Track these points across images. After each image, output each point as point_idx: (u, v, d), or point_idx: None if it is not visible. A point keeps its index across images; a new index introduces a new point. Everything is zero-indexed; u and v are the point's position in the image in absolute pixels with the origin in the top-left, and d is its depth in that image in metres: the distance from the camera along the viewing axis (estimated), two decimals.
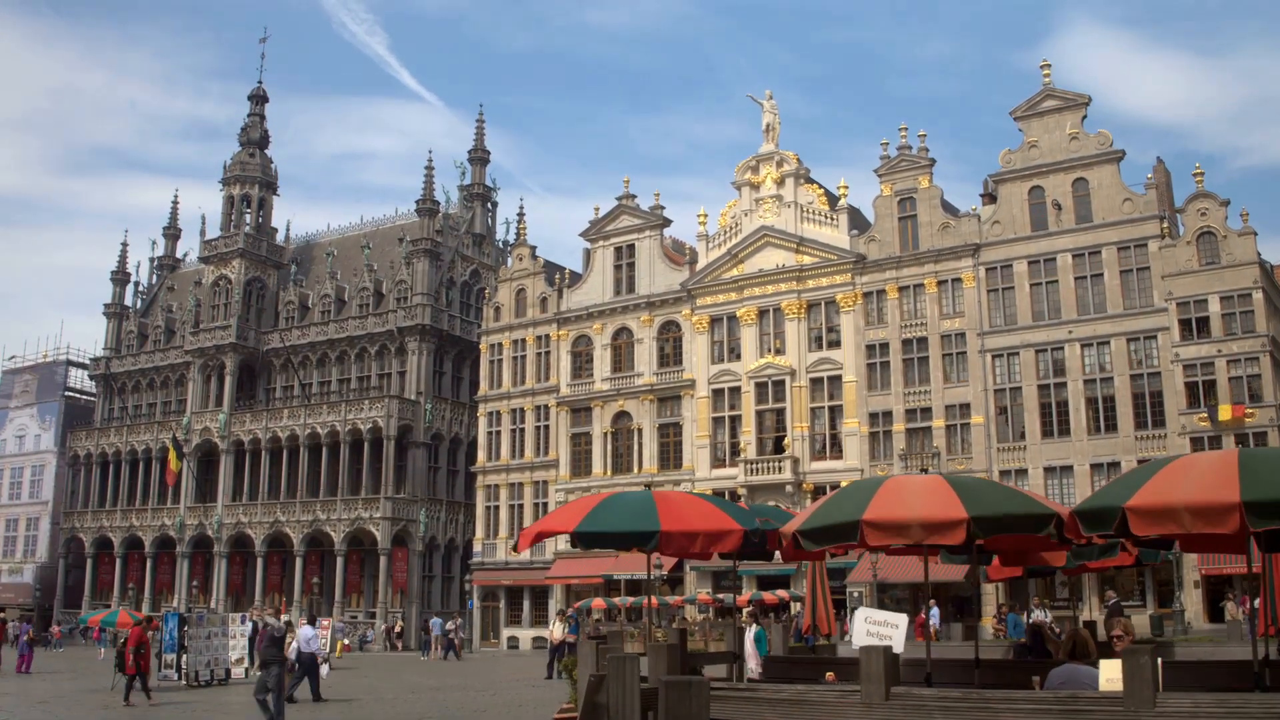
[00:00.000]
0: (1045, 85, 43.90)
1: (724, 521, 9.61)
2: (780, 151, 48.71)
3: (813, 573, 17.90)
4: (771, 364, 46.61)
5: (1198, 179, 41.43)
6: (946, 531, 7.43)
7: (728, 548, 9.78)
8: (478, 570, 53.39)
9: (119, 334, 71.24)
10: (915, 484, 8.26)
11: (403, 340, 59.04)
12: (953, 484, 7.93)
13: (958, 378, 43.53)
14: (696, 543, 9.77)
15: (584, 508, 9.96)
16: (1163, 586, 40.13)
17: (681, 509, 9.81)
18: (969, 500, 7.57)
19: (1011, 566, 12.24)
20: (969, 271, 43.90)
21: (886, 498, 7.83)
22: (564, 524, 9.91)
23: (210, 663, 27.61)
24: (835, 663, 10.00)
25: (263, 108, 68.23)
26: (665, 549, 9.85)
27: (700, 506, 10.12)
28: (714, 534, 9.62)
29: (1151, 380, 40.53)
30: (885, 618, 8.48)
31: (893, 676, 6.73)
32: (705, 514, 9.83)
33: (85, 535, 65.48)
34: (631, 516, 9.78)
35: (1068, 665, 7.37)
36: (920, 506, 7.66)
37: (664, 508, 9.59)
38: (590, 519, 9.74)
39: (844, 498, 8.37)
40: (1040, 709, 6.35)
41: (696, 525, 9.68)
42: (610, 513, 10.01)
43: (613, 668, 7.30)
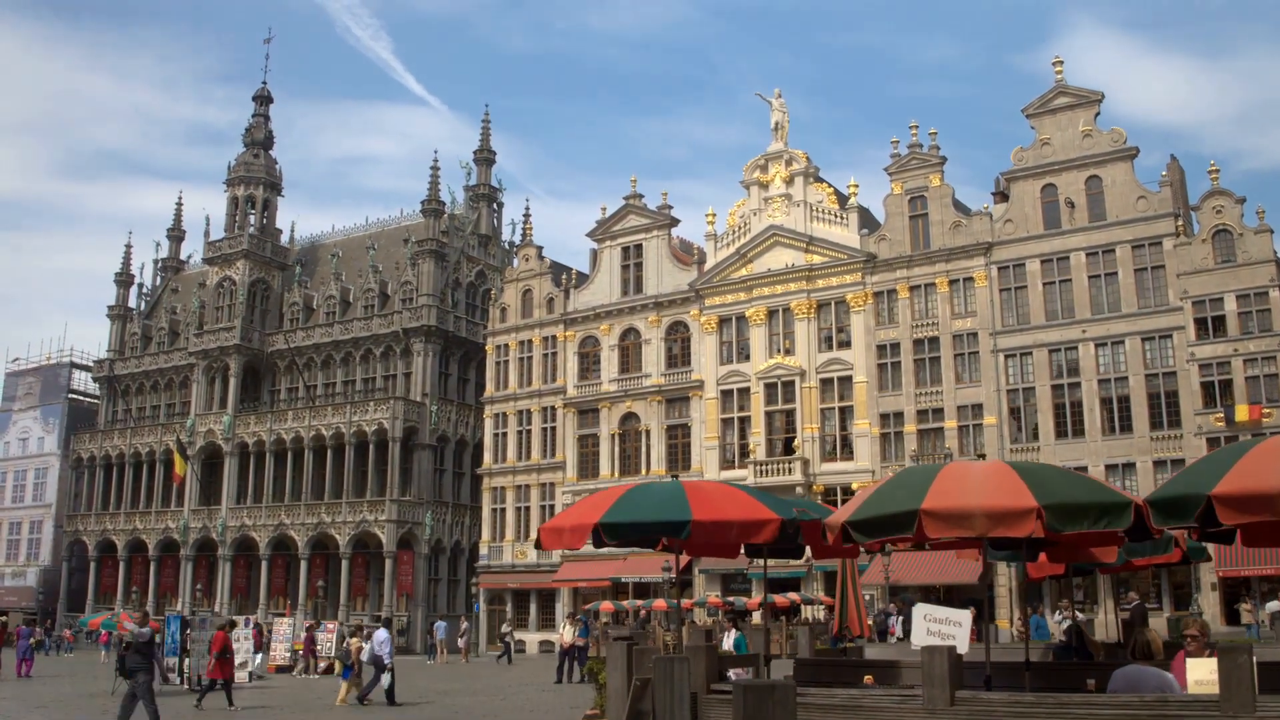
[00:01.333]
0: (1058, 82, 43.42)
1: (759, 511, 9.07)
2: (789, 150, 48.24)
3: (843, 572, 17.37)
4: (781, 364, 46.11)
5: (1213, 176, 40.93)
6: (1014, 522, 6.91)
7: (763, 539, 9.22)
8: (484, 573, 52.91)
9: (123, 336, 70.85)
10: (977, 470, 7.74)
11: (408, 341, 58.59)
12: (1018, 470, 7.42)
13: (970, 378, 43.02)
14: (731, 533, 9.24)
15: (608, 499, 9.42)
16: (1178, 589, 39.63)
17: (714, 498, 9.28)
18: (1038, 488, 7.04)
19: (1056, 563, 11.60)
20: (981, 270, 43.40)
21: (946, 485, 7.31)
22: (588, 516, 9.33)
23: None
24: (871, 665, 9.49)
25: (267, 108, 67.85)
26: (697, 540, 9.33)
27: (734, 495, 9.58)
28: (749, 524, 9.10)
29: (1167, 380, 40.01)
30: (947, 615, 7.90)
31: (957, 679, 6.23)
32: (739, 503, 9.29)
33: (88, 538, 65.05)
34: (661, 506, 9.25)
35: (1132, 666, 6.88)
36: (984, 495, 7.13)
37: (695, 497, 9.05)
38: (617, 509, 9.21)
39: (898, 486, 7.85)
40: (1126, 714, 5.85)
41: (731, 514, 9.17)
42: (638, 502, 9.49)
43: (658, 671, 6.79)
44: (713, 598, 43.43)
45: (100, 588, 64.34)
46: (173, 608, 56.80)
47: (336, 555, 56.31)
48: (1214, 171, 40.99)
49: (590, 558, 48.93)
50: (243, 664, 29.04)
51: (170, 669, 27.22)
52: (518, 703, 23.54)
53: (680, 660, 6.78)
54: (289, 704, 23.54)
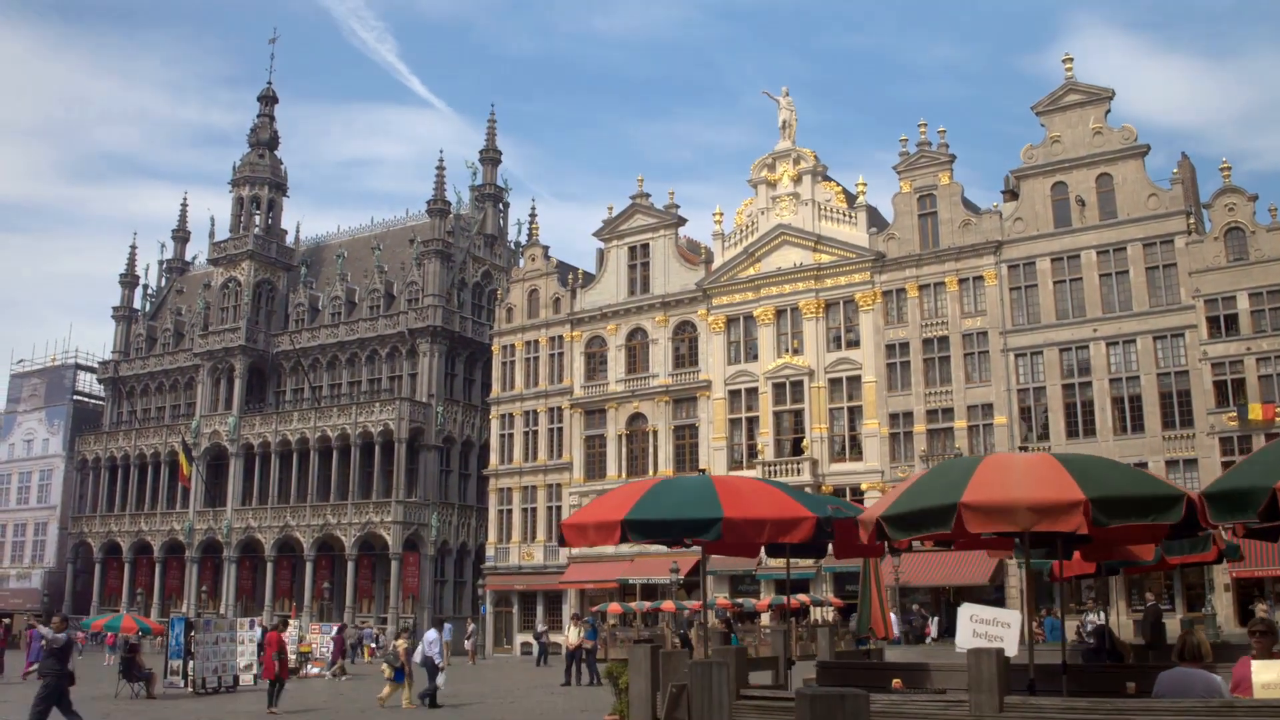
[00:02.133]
0: (1068, 79, 43.06)
1: (793, 508, 8.67)
2: (797, 149, 47.92)
3: (866, 571, 16.98)
4: (789, 364, 45.79)
5: (1224, 173, 40.58)
6: (1061, 516, 6.58)
7: (798, 538, 8.79)
8: (490, 575, 52.62)
9: (127, 337, 70.67)
10: (1019, 462, 7.41)
11: (414, 342, 58.33)
12: (1063, 462, 7.09)
13: (980, 377, 42.67)
14: (763, 532, 8.77)
15: (631, 494, 9.01)
16: (1190, 590, 39.27)
17: (745, 494, 8.84)
18: (1085, 480, 6.72)
19: (1089, 561, 11.24)
20: (991, 269, 43.06)
21: (987, 478, 6.98)
22: (613, 513, 8.88)
23: (218, 669, 26.87)
24: (900, 668, 9.17)
25: (272, 108, 67.62)
26: (728, 539, 8.83)
27: (766, 492, 9.17)
28: (783, 522, 8.68)
29: (1179, 379, 39.65)
30: (995, 616, 7.53)
31: (1005, 684, 5.92)
32: (772, 500, 8.88)
33: (93, 540, 64.84)
34: (689, 503, 8.83)
35: (1178, 669, 6.58)
36: (1029, 487, 6.81)
37: (725, 493, 8.64)
38: (642, 506, 8.80)
39: (935, 479, 7.52)
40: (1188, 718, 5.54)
41: (763, 512, 8.74)
42: (664, 499, 9.06)
43: (697, 676, 6.47)
44: (721, 599, 43.03)
45: (105, 590, 64.15)
46: (178, 610, 56.57)
47: (342, 557, 56.07)
48: (1225, 169, 40.64)
49: (597, 559, 48.67)
50: (247, 666, 28.79)
51: (174, 671, 26.93)
52: (529, 706, 23.23)
53: (719, 665, 6.46)
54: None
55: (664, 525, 8.97)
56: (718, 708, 6.22)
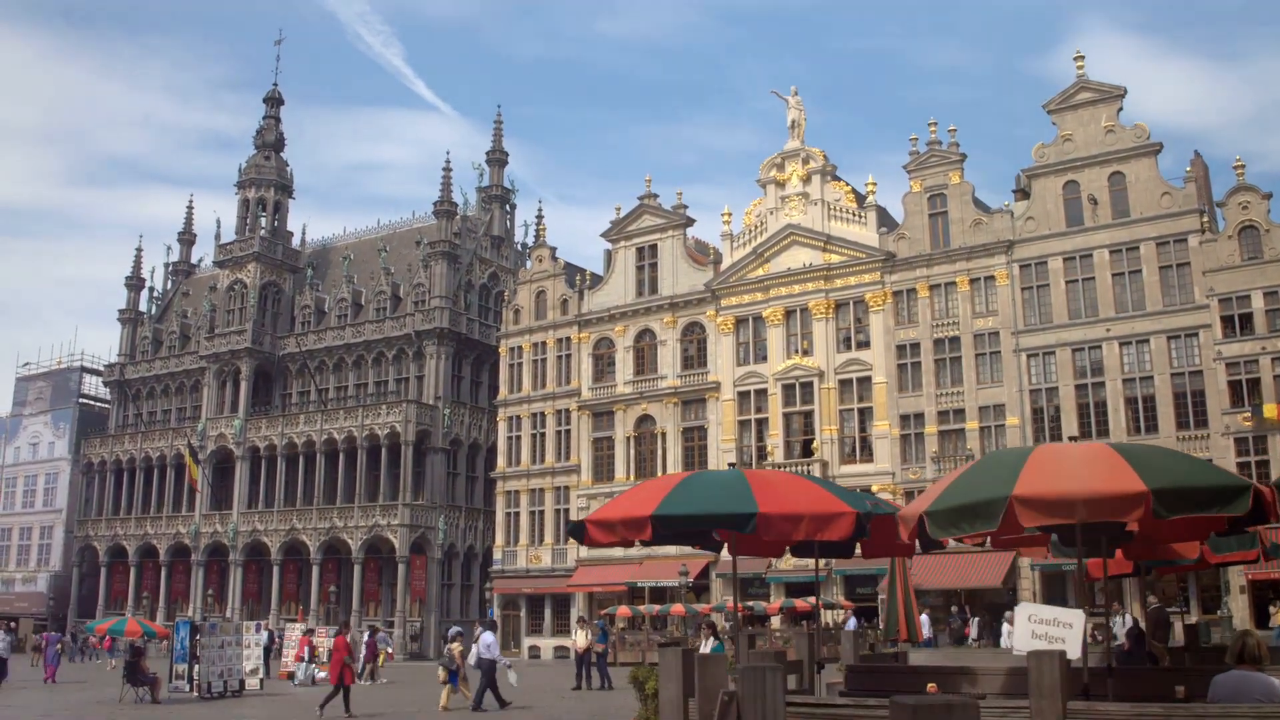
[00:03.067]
0: (1079, 77, 42.72)
1: (832, 503, 8.26)
2: (806, 148, 47.60)
3: (894, 571, 16.56)
4: (799, 365, 45.44)
5: (1239, 171, 40.21)
6: (1120, 508, 6.21)
7: (837, 534, 8.36)
8: (498, 578, 52.29)
9: (133, 340, 70.47)
10: (1073, 452, 7.05)
11: (420, 344, 58.05)
12: (1120, 451, 6.73)
13: (991, 378, 42.29)
14: (800, 527, 8.32)
15: (659, 489, 8.62)
16: (1205, 592, 38.85)
17: (780, 488, 8.43)
18: (1145, 470, 6.34)
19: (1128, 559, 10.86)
20: (1002, 269, 42.71)
21: (1040, 469, 6.60)
22: (638, 508, 8.46)
23: (223, 673, 26.53)
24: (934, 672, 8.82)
25: (278, 110, 67.41)
26: (764, 535, 8.40)
27: (802, 486, 8.77)
28: (821, 517, 8.25)
29: (1193, 379, 39.26)
30: (1055, 615, 7.15)
31: (1068, 688, 5.56)
32: (809, 494, 8.47)
33: (99, 544, 64.60)
34: (722, 497, 8.43)
35: (1235, 672, 6.23)
36: (1086, 478, 6.43)
37: (759, 487, 8.23)
38: (671, 501, 8.39)
39: (982, 472, 7.15)
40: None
41: (800, 507, 8.32)
42: (695, 493, 8.65)
43: (748, 682, 6.10)
44: (731, 602, 42.71)
45: (111, 593, 63.89)
46: (184, 613, 56.30)
47: (349, 560, 55.76)
48: (1239, 167, 40.28)
49: (605, 562, 48.36)
50: (253, 670, 28.48)
51: (179, 675, 26.61)
52: (545, 710, 22.85)
53: (773, 670, 6.10)
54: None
55: (695, 520, 8.56)
56: (772, 716, 5.86)
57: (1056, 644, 6.63)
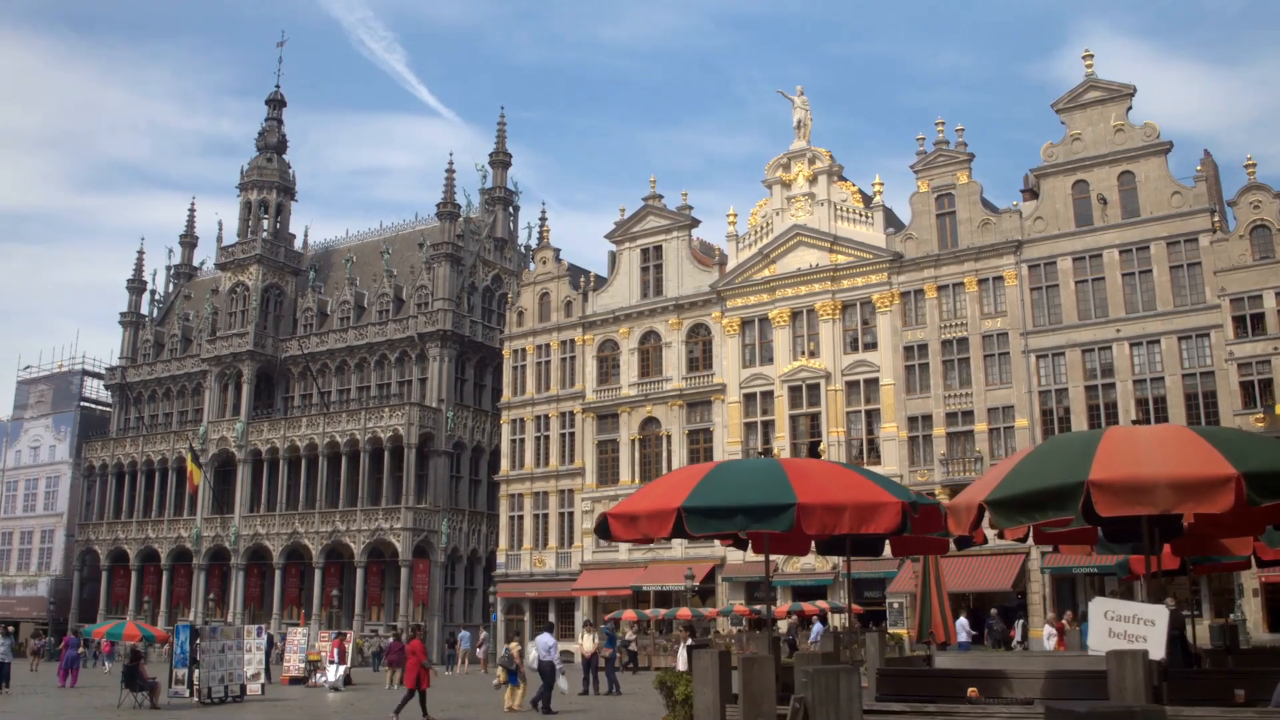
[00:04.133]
0: (1088, 76, 42.33)
1: (875, 493, 7.74)
2: (812, 148, 47.21)
3: (926, 570, 16.03)
4: (805, 367, 45.02)
5: (1249, 170, 39.82)
6: (1207, 494, 5.74)
7: (882, 526, 7.77)
8: (501, 582, 51.85)
9: (135, 343, 70.12)
10: (1150, 436, 6.60)
11: (424, 346, 57.66)
12: (1203, 434, 6.30)
13: (1000, 379, 41.85)
14: (843, 519, 7.71)
15: (686, 479, 8.10)
16: (1217, 595, 38.39)
17: (819, 478, 7.90)
18: (1233, 454, 5.89)
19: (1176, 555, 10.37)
20: (1011, 269, 42.29)
21: (1116, 453, 6.16)
22: (665, 500, 7.93)
23: (224, 678, 26.10)
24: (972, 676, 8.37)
25: (280, 112, 67.10)
26: (804, 527, 7.79)
27: (842, 475, 8.25)
28: (865, 508, 7.69)
29: (1204, 380, 38.81)
30: (1135, 612, 6.65)
31: (1153, 691, 5.15)
32: (850, 484, 7.96)
33: (100, 547, 64.25)
34: (757, 487, 7.89)
35: None
36: (1169, 462, 5.99)
37: (797, 477, 7.71)
38: (702, 492, 7.84)
39: (1049, 457, 6.70)
40: None
41: (842, 497, 7.75)
42: (728, 484, 8.10)
43: (819, 687, 5.66)
44: (739, 606, 42.34)
45: (112, 598, 63.50)
46: (185, 618, 55.93)
47: (351, 564, 55.37)
48: (1250, 165, 39.88)
49: (610, 565, 47.97)
50: (255, 675, 28.08)
51: (179, 680, 26.19)
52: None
53: (847, 671, 5.66)
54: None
55: (728, 512, 7.92)
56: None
57: (1137, 643, 6.18)
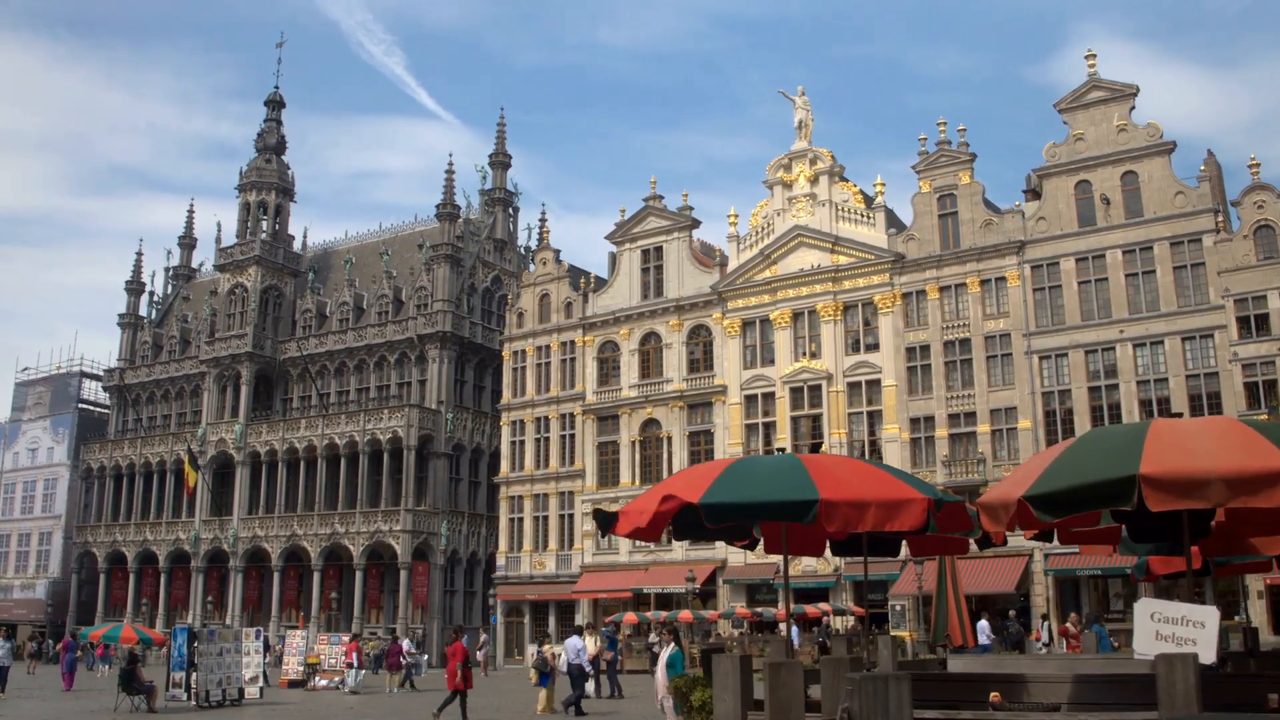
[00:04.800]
0: (1091, 75, 42.14)
1: (899, 489, 7.49)
2: (814, 149, 47.00)
3: (943, 571, 15.72)
4: (807, 368, 44.79)
5: (1253, 170, 39.65)
6: (1264, 489, 5.48)
7: (907, 524, 7.51)
8: (501, 585, 51.59)
9: (133, 345, 69.85)
10: (1200, 428, 6.34)
11: (423, 348, 57.40)
12: (1255, 427, 6.05)
13: (1003, 380, 41.63)
14: (867, 516, 7.45)
15: (702, 475, 7.84)
16: (1221, 597, 38.10)
17: (841, 473, 7.63)
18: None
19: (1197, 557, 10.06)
20: (1013, 270, 42.08)
21: (1165, 446, 5.88)
22: (683, 494, 7.67)
23: (222, 681, 25.84)
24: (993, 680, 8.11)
25: (279, 113, 66.85)
26: (826, 524, 7.54)
27: (863, 470, 7.98)
28: (889, 505, 7.43)
29: (1209, 380, 38.60)
30: (1184, 613, 6.37)
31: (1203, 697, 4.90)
32: (873, 479, 7.69)
33: (98, 550, 63.97)
34: (778, 483, 7.63)
35: None
36: (1223, 455, 5.74)
37: (818, 473, 7.42)
38: (719, 488, 7.59)
39: (1091, 451, 6.40)
40: None
41: (866, 493, 7.51)
42: (746, 479, 7.84)
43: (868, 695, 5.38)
44: (740, 609, 42.10)
45: (110, 600, 63.21)
46: (184, 620, 55.66)
47: (350, 566, 55.09)
48: (1254, 165, 39.71)
49: (610, 568, 47.72)
50: (253, 679, 27.82)
51: (176, 683, 25.93)
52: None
53: (896, 679, 5.39)
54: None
55: (748, 509, 7.72)
56: None
57: (1186, 646, 5.93)
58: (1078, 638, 24.34)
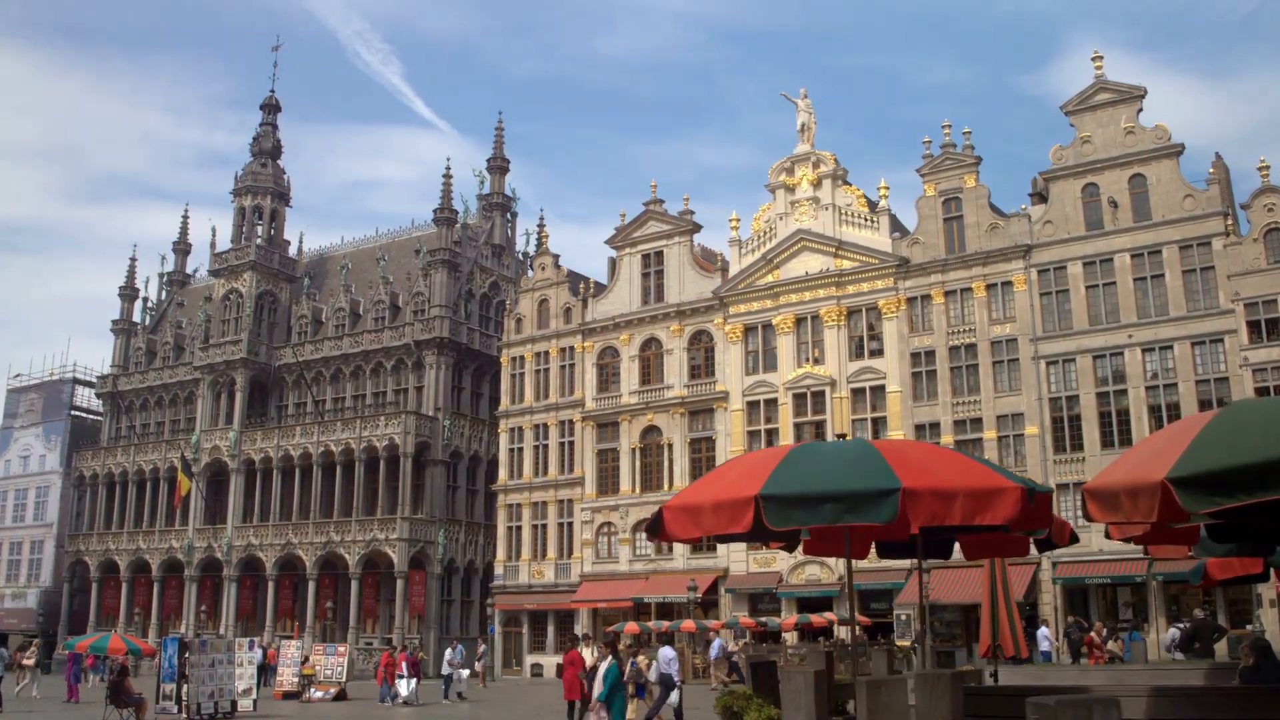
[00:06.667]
0: (1098, 77, 41.62)
1: (988, 477, 6.72)
2: (816, 152, 46.43)
3: (993, 575, 14.93)
4: (810, 374, 44.15)
5: (1263, 173, 39.11)
6: None
7: (999, 516, 6.61)
8: (499, 594, 50.84)
9: (127, 351, 69.12)
10: None
11: (420, 354, 56.72)
12: None
13: (1009, 386, 41.02)
14: (954, 508, 6.55)
15: (760, 465, 6.90)
16: (1232, 605, 37.55)
17: (921, 459, 6.81)
18: None
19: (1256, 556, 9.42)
20: (1020, 274, 41.48)
21: None
22: (736, 489, 6.79)
23: (214, 693, 25.08)
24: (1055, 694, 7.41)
25: (275, 117, 66.20)
26: (911, 518, 6.55)
27: (947, 458, 7.20)
28: (979, 494, 6.58)
29: (1219, 386, 37.97)
30: None
31: None
32: (959, 467, 6.88)
33: (90, 558, 63.14)
34: (851, 471, 6.77)
35: None
36: None
37: (895, 458, 6.68)
38: (781, 479, 6.69)
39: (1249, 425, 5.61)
40: None
41: (953, 481, 6.66)
42: (813, 468, 6.93)
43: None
44: (743, 618, 41.42)
45: (102, 609, 62.37)
46: (177, 630, 54.87)
47: (346, 575, 54.32)
48: (1264, 168, 39.17)
49: (610, 577, 47.02)
50: (246, 690, 27.10)
51: (167, 696, 25.18)
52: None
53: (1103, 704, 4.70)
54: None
55: (816, 500, 6.65)
56: None
57: None
58: (1102, 647, 23.63)
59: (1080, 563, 37.25)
